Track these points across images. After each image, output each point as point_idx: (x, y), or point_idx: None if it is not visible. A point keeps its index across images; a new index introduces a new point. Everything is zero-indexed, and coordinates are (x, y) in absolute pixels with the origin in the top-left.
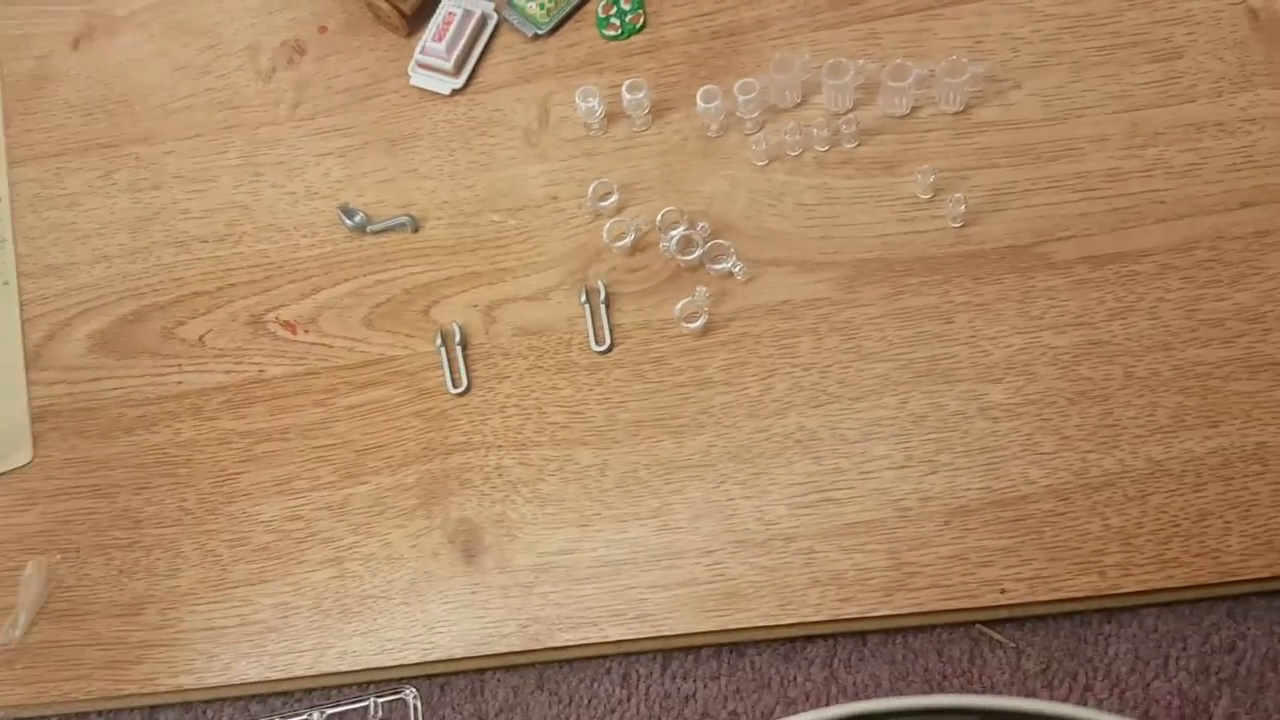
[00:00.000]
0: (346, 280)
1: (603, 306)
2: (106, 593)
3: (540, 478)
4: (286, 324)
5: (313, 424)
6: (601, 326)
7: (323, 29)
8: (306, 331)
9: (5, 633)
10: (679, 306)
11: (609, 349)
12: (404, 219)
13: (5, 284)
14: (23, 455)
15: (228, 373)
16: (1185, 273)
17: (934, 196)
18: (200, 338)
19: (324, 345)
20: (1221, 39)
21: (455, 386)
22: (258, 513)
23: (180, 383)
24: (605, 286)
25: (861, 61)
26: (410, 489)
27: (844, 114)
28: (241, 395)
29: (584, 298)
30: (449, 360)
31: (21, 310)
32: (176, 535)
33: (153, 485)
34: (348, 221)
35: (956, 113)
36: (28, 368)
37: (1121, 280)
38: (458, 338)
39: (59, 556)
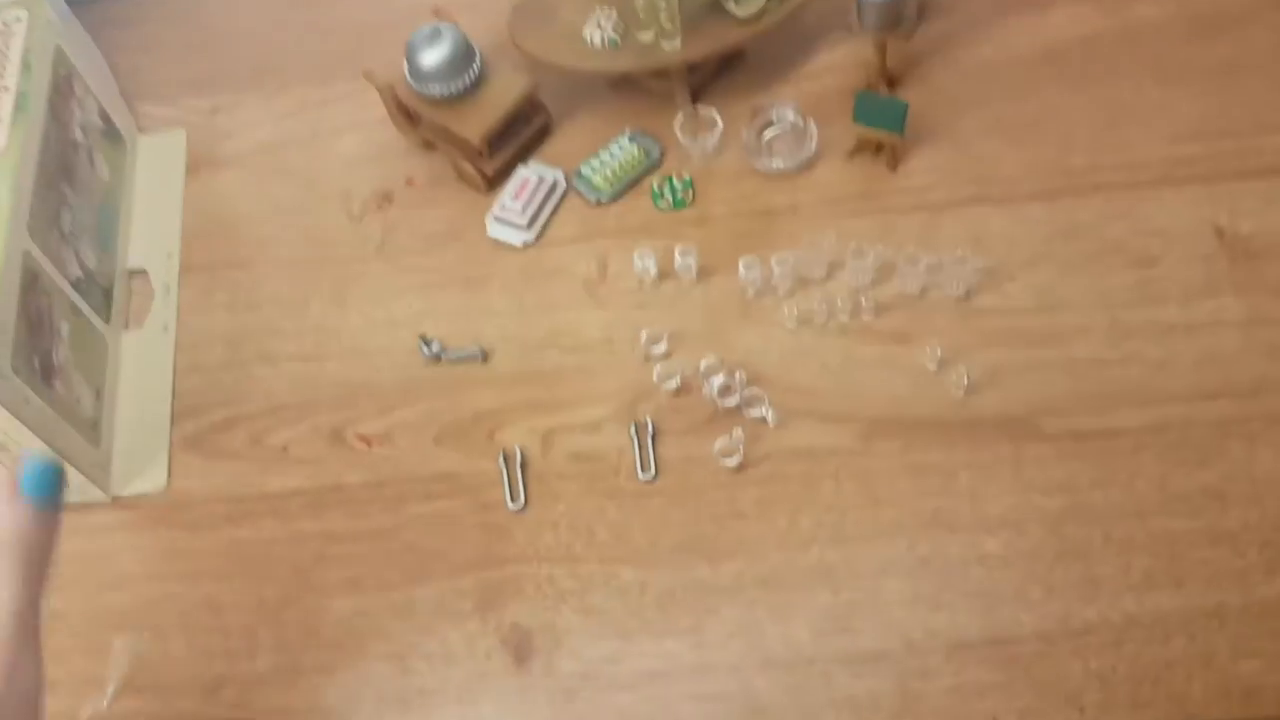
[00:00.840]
0: (420, 402)
1: (649, 440)
2: (188, 670)
3: (587, 590)
4: (363, 438)
5: (383, 529)
6: (648, 457)
7: (410, 181)
8: (381, 445)
9: (94, 702)
10: (718, 444)
11: (654, 478)
12: (475, 350)
13: (165, 329)
14: (158, 480)
15: (308, 478)
16: (1158, 451)
17: (940, 368)
18: (284, 446)
19: (397, 459)
20: (1191, 252)
21: (514, 502)
22: (329, 607)
23: (264, 485)
24: (652, 422)
25: (880, 247)
26: (468, 594)
27: (864, 289)
28: (320, 499)
29: (633, 430)
30: (509, 479)
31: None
32: (254, 623)
33: (234, 576)
34: (425, 349)
35: (960, 297)
36: (174, 402)
37: (1102, 454)
38: (519, 459)
39: (146, 634)
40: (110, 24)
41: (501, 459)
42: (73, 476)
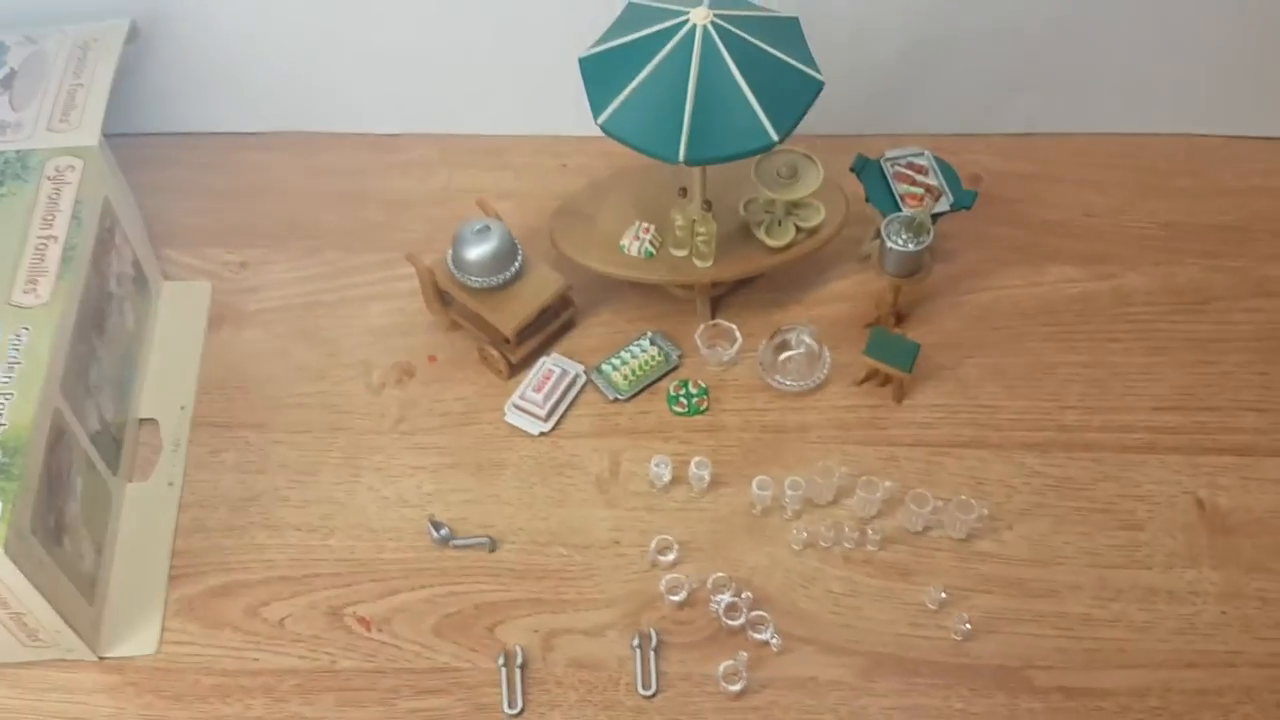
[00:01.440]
0: (423, 587)
1: (652, 654)
2: None
3: None
4: (362, 620)
5: None
6: (649, 672)
7: (432, 358)
8: (380, 630)
9: None
10: (722, 668)
11: (654, 695)
12: (484, 540)
13: (170, 485)
14: (149, 644)
15: (302, 658)
16: (1139, 715)
17: (940, 609)
18: (281, 620)
19: (394, 646)
20: (1174, 520)
21: (511, 707)
22: None
23: (257, 660)
24: (656, 634)
25: (889, 484)
26: None
27: (869, 520)
28: (312, 682)
29: (636, 642)
30: (508, 680)
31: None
32: None
33: None
34: (435, 533)
35: (960, 539)
36: (172, 563)
37: (1089, 713)
38: (519, 660)
39: None
40: (140, 164)
41: (502, 660)
42: (63, 636)
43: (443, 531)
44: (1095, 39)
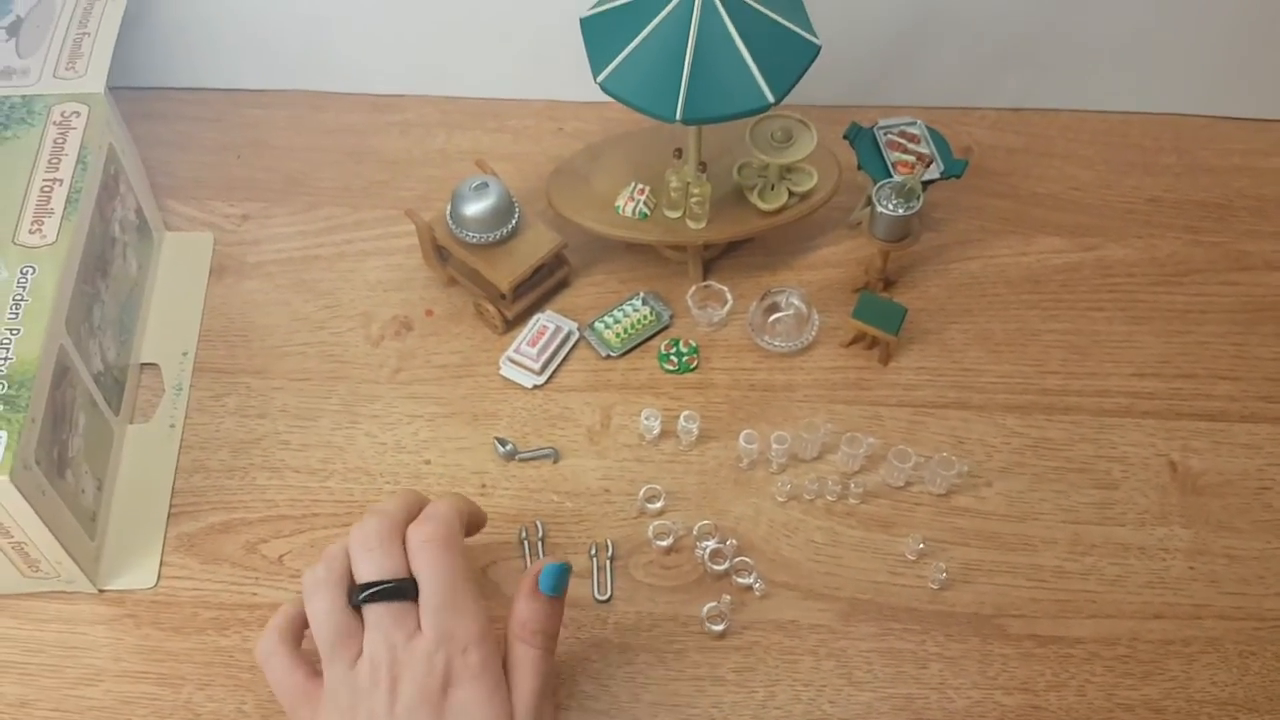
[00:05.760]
0: None
1: (609, 563)
2: None
3: None
4: None
5: None
6: (605, 579)
7: (429, 312)
8: None
9: None
10: (706, 609)
11: (609, 599)
12: (549, 450)
13: (172, 427)
14: (148, 578)
15: (300, 593)
16: (1107, 662)
17: (919, 559)
18: (280, 557)
19: None
20: (1148, 480)
21: None
22: None
23: (255, 594)
24: (613, 545)
25: (872, 440)
26: None
27: (852, 475)
28: None
29: (593, 551)
30: None
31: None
32: None
33: (216, 684)
34: (500, 449)
35: (940, 495)
36: (173, 501)
37: (1059, 659)
38: None
39: None
40: (144, 116)
41: None
42: (64, 567)
43: (508, 447)
44: (1087, 18)
